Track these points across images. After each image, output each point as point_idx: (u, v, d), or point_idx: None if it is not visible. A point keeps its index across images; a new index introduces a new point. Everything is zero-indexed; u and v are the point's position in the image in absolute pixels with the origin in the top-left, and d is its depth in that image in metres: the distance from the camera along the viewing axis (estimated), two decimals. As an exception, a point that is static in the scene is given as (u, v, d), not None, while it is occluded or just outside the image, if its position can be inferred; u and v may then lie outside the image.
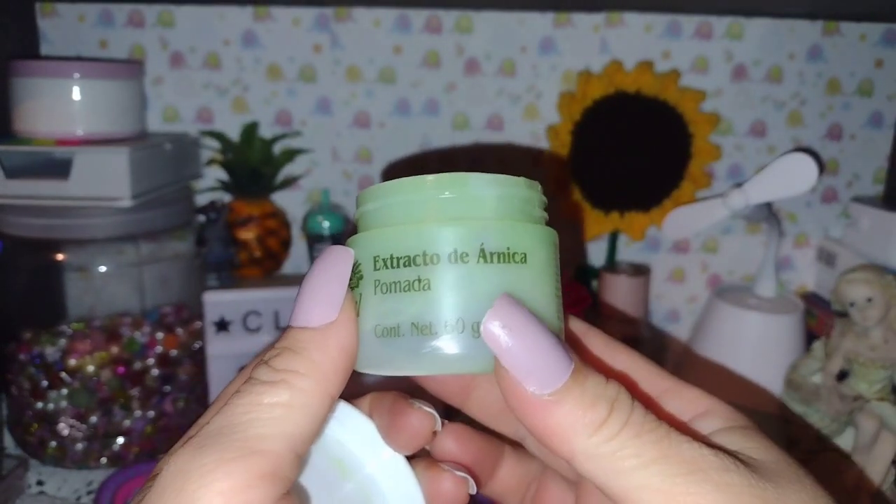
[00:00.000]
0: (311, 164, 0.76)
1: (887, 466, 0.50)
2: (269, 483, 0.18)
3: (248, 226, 0.71)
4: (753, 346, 0.64)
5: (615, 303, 0.69)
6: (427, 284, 0.20)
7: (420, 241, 0.20)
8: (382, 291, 0.21)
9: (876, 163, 0.77)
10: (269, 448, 0.18)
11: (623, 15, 0.72)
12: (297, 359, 0.20)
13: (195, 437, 0.19)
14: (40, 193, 0.58)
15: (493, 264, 0.20)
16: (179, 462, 0.18)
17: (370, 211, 0.22)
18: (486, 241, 0.20)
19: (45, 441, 0.59)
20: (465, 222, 0.21)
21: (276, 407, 0.19)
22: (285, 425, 0.19)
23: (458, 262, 0.20)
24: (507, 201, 0.21)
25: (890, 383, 0.53)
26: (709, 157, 0.72)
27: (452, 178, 0.21)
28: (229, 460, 0.18)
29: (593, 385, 0.19)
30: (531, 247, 0.21)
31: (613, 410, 0.19)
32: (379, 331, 0.21)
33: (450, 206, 0.21)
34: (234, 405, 0.19)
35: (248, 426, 0.18)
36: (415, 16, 0.72)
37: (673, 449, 0.18)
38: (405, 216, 0.21)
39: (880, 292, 0.52)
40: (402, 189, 0.21)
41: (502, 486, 0.26)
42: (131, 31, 0.72)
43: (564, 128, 0.72)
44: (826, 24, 0.73)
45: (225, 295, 0.62)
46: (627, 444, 0.18)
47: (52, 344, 0.58)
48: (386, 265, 0.21)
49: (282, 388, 0.19)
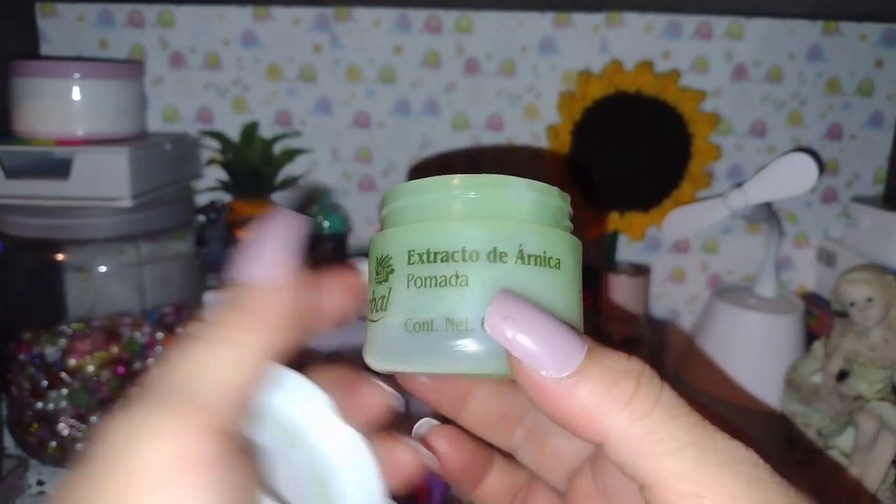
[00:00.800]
0: (311, 164, 0.76)
1: (887, 466, 0.50)
2: (213, 437, 0.18)
3: (248, 226, 0.71)
4: (753, 346, 0.64)
5: (615, 303, 0.69)
6: (465, 281, 0.20)
7: (460, 237, 0.20)
8: (416, 286, 0.20)
9: (876, 163, 0.77)
10: (207, 403, 0.18)
11: (623, 15, 0.72)
12: (233, 313, 0.20)
13: (137, 396, 0.18)
14: (40, 193, 0.58)
15: (529, 266, 0.20)
16: (123, 420, 0.18)
17: (402, 207, 0.22)
18: (525, 243, 0.21)
19: (45, 441, 0.59)
20: (506, 223, 0.21)
21: (213, 361, 0.19)
22: (222, 379, 0.19)
23: (497, 262, 0.20)
24: (542, 207, 0.22)
25: (890, 383, 0.53)
26: (709, 157, 0.72)
27: (491, 178, 0.21)
28: (170, 416, 0.18)
29: (613, 361, 0.19)
30: (564, 253, 0.21)
31: (640, 386, 0.18)
32: (410, 325, 0.20)
33: (488, 205, 0.21)
34: (175, 363, 0.19)
35: (187, 382, 0.18)
36: (415, 16, 0.72)
37: (707, 437, 0.18)
38: (440, 213, 0.21)
39: (880, 292, 0.52)
40: (438, 186, 0.21)
41: (490, 493, 0.26)
42: (131, 31, 0.72)
43: (564, 128, 0.72)
44: (826, 24, 0.73)
45: (225, 295, 0.62)
46: (661, 426, 0.18)
47: (52, 344, 0.58)
48: (422, 259, 0.21)
49: (220, 344, 0.19)
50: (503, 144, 0.75)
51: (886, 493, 0.51)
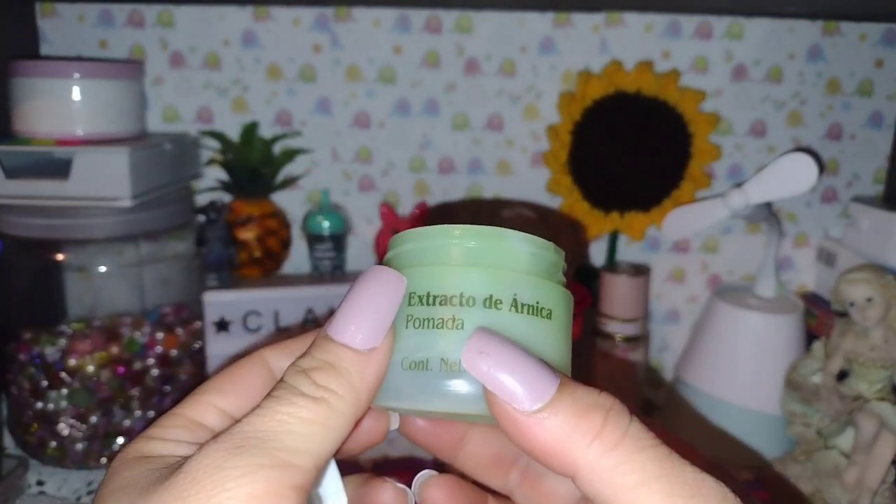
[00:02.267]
0: (311, 164, 0.76)
1: (887, 466, 0.50)
2: (295, 494, 0.18)
3: (248, 226, 0.71)
4: (753, 346, 0.64)
5: (615, 303, 0.69)
6: (461, 324, 0.21)
7: (458, 282, 0.22)
8: (415, 326, 0.22)
9: (876, 163, 0.77)
10: (301, 462, 0.19)
11: (623, 15, 0.72)
12: (338, 379, 0.20)
13: (228, 435, 0.19)
14: (40, 193, 0.58)
15: (522, 315, 0.22)
16: (216, 458, 0.18)
17: (406, 252, 0.23)
18: (519, 293, 0.22)
19: (45, 441, 0.59)
20: (502, 273, 0.22)
21: (314, 424, 0.19)
22: (318, 443, 0.19)
23: (492, 308, 0.21)
24: (538, 260, 0.23)
25: (890, 383, 0.53)
26: (709, 157, 0.72)
27: (490, 230, 0.23)
28: (267, 467, 0.18)
29: (584, 394, 0.19)
30: (556, 305, 0.23)
31: (609, 419, 0.19)
32: (406, 363, 0.21)
33: (486, 255, 0.22)
34: (272, 411, 0.19)
35: (286, 437, 0.19)
36: (415, 16, 0.72)
37: (676, 469, 0.18)
38: (441, 259, 0.22)
39: (880, 292, 0.52)
40: (440, 234, 0.23)
41: None
42: (131, 31, 0.72)
43: (564, 128, 0.72)
44: (826, 24, 0.73)
45: (225, 295, 0.62)
46: (629, 458, 0.18)
47: (52, 344, 0.58)
48: (422, 302, 0.22)
49: (322, 405, 0.20)
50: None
51: (886, 493, 0.51)
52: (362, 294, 0.21)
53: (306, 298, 0.63)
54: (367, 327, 0.21)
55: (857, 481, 0.51)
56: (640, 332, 0.70)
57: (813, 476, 0.55)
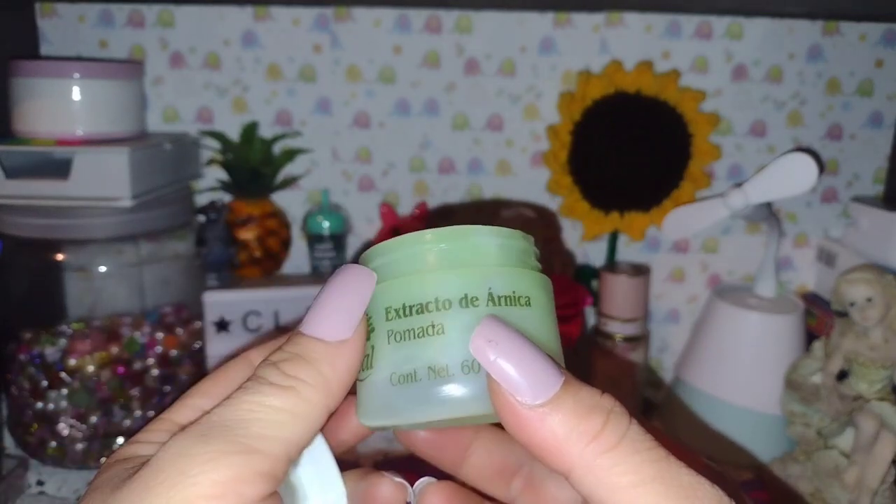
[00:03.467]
0: (311, 164, 0.76)
1: (887, 466, 0.50)
2: (263, 481, 0.19)
3: (248, 226, 0.71)
4: (753, 346, 0.64)
5: (615, 303, 0.69)
6: (441, 329, 0.21)
7: (431, 288, 0.21)
8: (396, 340, 0.21)
9: (876, 163, 0.77)
10: (268, 449, 0.19)
11: (623, 15, 0.72)
12: (307, 368, 0.20)
13: (196, 425, 0.19)
14: (40, 193, 0.58)
15: (501, 307, 0.21)
16: (182, 446, 0.18)
17: (377, 267, 0.23)
18: (493, 286, 0.21)
19: (45, 441, 0.59)
20: (472, 269, 0.22)
21: (281, 412, 0.20)
22: (286, 430, 0.19)
23: (469, 307, 0.21)
24: (507, 251, 0.23)
25: (890, 383, 0.53)
26: (709, 157, 0.72)
27: (455, 230, 0.22)
28: (231, 453, 0.18)
29: (587, 395, 0.19)
30: (533, 291, 0.22)
31: (609, 421, 0.19)
32: (395, 378, 0.21)
33: (454, 255, 0.22)
34: (239, 400, 0.20)
35: (252, 424, 0.19)
36: (415, 16, 0.72)
37: (672, 472, 0.18)
38: (411, 268, 0.22)
39: (880, 292, 0.52)
40: (405, 244, 0.22)
41: None
42: (131, 31, 0.72)
43: (564, 128, 0.72)
44: (826, 24, 0.73)
45: (225, 295, 0.62)
46: (625, 459, 0.18)
47: (52, 344, 0.58)
48: (398, 314, 0.21)
49: (289, 393, 0.20)
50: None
51: (886, 493, 0.51)
52: (332, 290, 0.22)
53: (306, 298, 0.62)
54: (336, 319, 0.21)
55: (857, 481, 0.51)
56: (640, 332, 0.70)
57: (813, 476, 0.55)
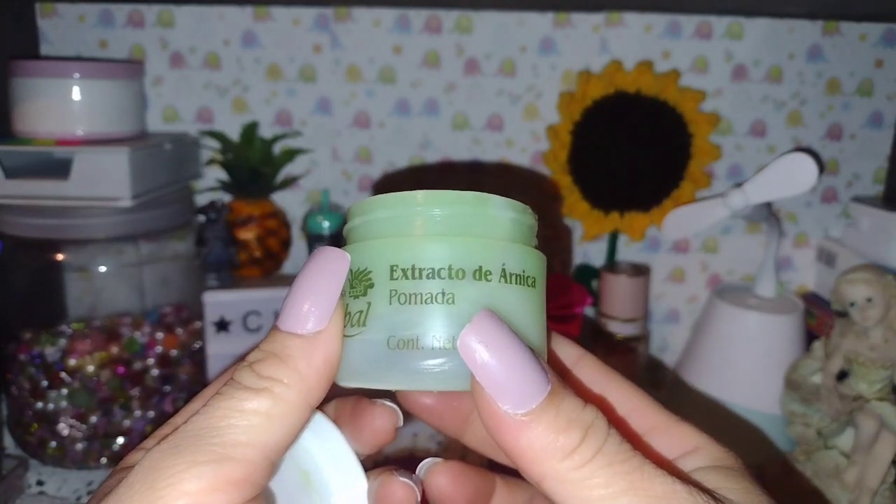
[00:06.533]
0: (311, 164, 0.76)
1: (887, 466, 0.50)
2: (238, 489, 0.18)
3: (248, 226, 0.71)
4: (753, 346, 0.64)
5: (615, 303, 0.69)
6: (451, 298, 0.20)
7: (445, 253, 0.20)
8: (400, 302, 0.20)
9: (876, 163, 0.77)
10: (242, 455, 0.18)
11: (623, 15, 0.72)
12: (282, 367, 0.20)
13: (172, 436, 0.19)
14: (40, 193, 0.58)
15: (510, 285, 0.21)
16: (153, 459, 0.18)
17: (380, 220, 0.22)
18: (507, 262, 0.21)
19: (45, 441, 0.59)
20: (490, 242, 0.21)
21: (256, 415, 0.19)
22: (262, 434, 0.19)
23: (482, 280, 0.20)
24: (520, 226, 0.22)
25: (890, 383, 0.53)
26: (709, 157, 0.72)
27: (471, 196, 0.21)
28: (201, 463, 0.18)
29: (569, 408, 0.19)
30: (537, 272, 0.22)
31: (587, 437, 0.19)
32: (393, 342, 0.20)
33: (470, 223, 0.21)
34: (213, 407, 0.19)
35: (225, 431, 0.18)
36: (415, 16, 0.72)
37: (645, 482, 0.18)
38: (422, 229, 0.21)
39: (880, 292, 0.52)
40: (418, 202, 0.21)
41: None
42: (131, 31, 0.72)
43: (564, 128, 0.72)
44: (826, 24, 0.73)
45: (225, 295, 0.62)
46: (598, 472, 0.18)
47: (52, 344, 0.58)
48: (406, 275, 0.20)
49: (264, 395, 0.19)
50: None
51: (886, 493, 0.51)
52: (305, 278, 0.21)
53: (306, 298, 0.63)
54: (310, 311, 0.20)
55: (857, 481, 0.51)
56: (640, 332, 0.70)
57: (813, 476, 0.55)
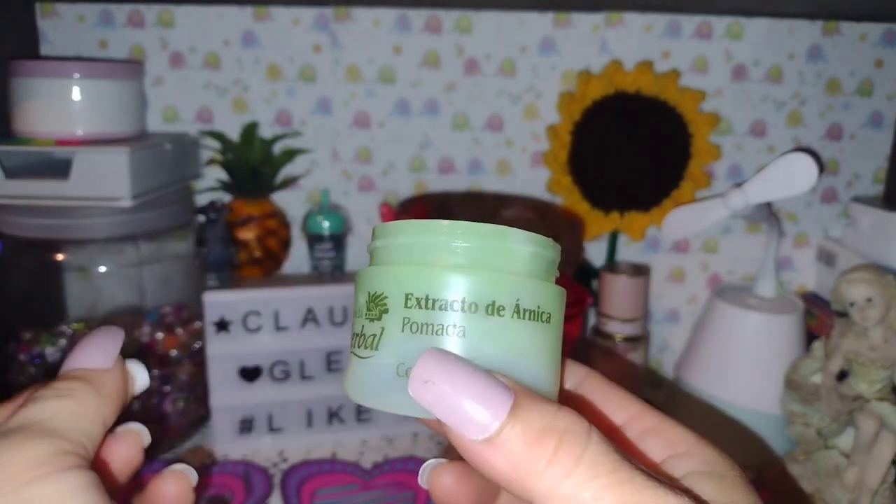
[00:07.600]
0: (310, 164, 0.76)
1: (887, 466, 0.50)
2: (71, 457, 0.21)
3: (248, 226, 0.71)
4: (753, 346, 0.64)
5: (615, 303, 0.69)
6: (462, 332, 0.20)
7: (460, 287, 0.20)
8: (412, 330, 0.20)
9: (876, 163, 0.77)
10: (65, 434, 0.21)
11: (623, 15, 0.72)
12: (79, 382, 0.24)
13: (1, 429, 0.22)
14: (40, 193, 0.58)
15: (524, 321, 0.21)
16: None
17: (401, 245, 0.22)
18: (522, 298, 0.21)
19: (45, 441, 0.58)
20: (505, 277, 0.21)
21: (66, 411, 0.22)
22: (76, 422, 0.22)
23: (495, 315, 0.20)
24: (539, 260, 0.22)
25: (890, 383, 0.53)
26: (709, 157, 0.72)
27: (492, 229, 0.21)
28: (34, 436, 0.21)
29: (538, 418, 0.18)
30: (554, 307, 0.22)
31: (563, 443, 0.18)
32: (402, 370, 0.20)
33: (488, 256, 0.21)
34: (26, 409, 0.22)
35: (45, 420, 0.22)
36: (415, 16, 0.72)
37: (636, 495, 0.18)
38: (440, 259, 0.21)
39: (880, 292, 0.52)
40: (440, 231, 0.21)
41: None
42: (131, 31, 0.72)
43: (564, 128, 0.72)
44: (826, 24, 0.73)
45: (225, 295, 0.62)
46: (585, 485, 0.18)
47: (52, 344, 0.58)
48: (420, 305, 0.20)
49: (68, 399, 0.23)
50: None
51: (886, 493, 0.51)
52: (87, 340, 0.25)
53: (306, 298, 0.63)
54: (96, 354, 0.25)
55: (857, 481, 0.51)
56: (640, 332, 0.70)
57: (813, 476, 0.55)
